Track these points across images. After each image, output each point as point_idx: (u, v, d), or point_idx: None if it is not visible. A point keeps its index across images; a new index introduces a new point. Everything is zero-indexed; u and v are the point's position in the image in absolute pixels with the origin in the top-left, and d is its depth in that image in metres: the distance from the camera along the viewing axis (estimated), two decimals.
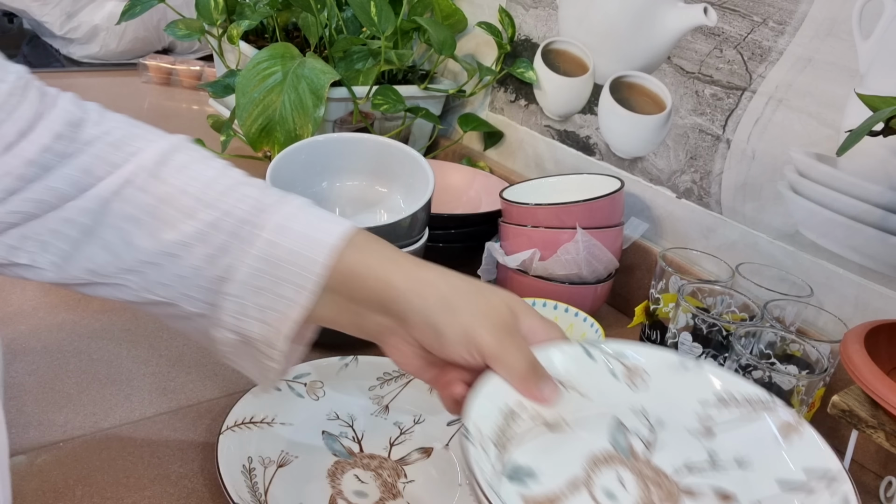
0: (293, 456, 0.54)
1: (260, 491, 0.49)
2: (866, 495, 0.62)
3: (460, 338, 0.42)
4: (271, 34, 1.13)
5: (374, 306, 0.44)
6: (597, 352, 0.49)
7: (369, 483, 0.53)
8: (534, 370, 0.43)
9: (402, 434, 0.58)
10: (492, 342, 0.42)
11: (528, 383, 0.43)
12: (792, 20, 0.68)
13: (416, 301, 0.43)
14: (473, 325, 0.42)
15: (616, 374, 0.49)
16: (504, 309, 0.44)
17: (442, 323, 0.42)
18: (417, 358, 0.46)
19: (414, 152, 0.73)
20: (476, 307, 0.43)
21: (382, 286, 0.44)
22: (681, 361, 0.49)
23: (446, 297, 0.43)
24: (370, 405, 0.61)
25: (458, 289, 0.44)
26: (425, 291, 0.43)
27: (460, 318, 0.42)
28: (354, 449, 0.56)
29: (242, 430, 0.53)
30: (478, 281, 0.46)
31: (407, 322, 0.44)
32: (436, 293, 0.43)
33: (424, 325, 0.43)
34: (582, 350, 0.49)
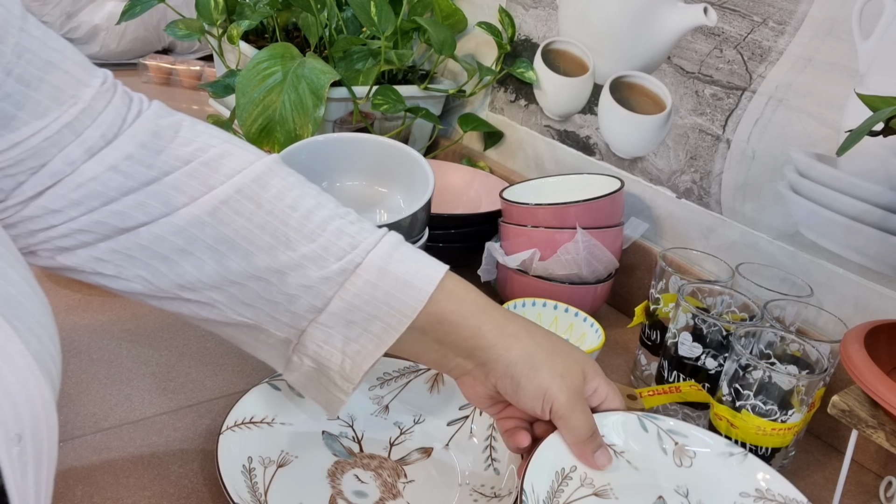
0: (293, 456, 0.54)
1: (260, 491, 0.49)
2: (866, 495, 0.62)
3: (537, 393, 0.46)
4: (271, 34, 1.13)
5: (461, 351, 0.47)
6: (651, 425, 0.52)
7: (369, 483, 0.53)
8: (593, 437, 0.47)
9: (402, 434, 0.58)
10: (564, 403, 0.46)
11: (585, 448, 0.47)
12: (792, 20, 0.68)
13: (502, 354, 0.46)
14: (551, 385, 0.46)
15: (666, 450, 0.52)
16: (578, 372, 0.48)
17: (523, 377, 0.46)
18: (488, 397, 0.50)
19: (414, 152, 0.73)
20: (555, 367, 0.47)
21: (473, 335, 0.46)
22: (730, 450, 0.51)
23: (530, 353, 0.47)
24: (370, 405, 0.61)
25: (541, 346, 0.47)
26: (512, 346, 0.47)
27: (540, 375, 0.46)
28: (354, 449, 0.56)
29: (242, 430, 0.53)
30: (557, 337, 0.49)
31: (489, 369, 0.47)
32: (521, 349, 0.47)
33: (506, 376, 0.47)
34: (637, 421, 0.52)
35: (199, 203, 0.43)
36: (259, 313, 0.46)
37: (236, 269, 0.44)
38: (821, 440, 0.69)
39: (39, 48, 0.40)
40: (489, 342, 0.46)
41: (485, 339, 0.46)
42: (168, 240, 0.43)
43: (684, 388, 0.61)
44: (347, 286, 0.45)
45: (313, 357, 0.47)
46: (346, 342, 0.46)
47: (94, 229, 0.42)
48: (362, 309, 0.45)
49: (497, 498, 0.51)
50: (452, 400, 0.61)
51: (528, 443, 0.49)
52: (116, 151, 0.42)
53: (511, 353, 0.46)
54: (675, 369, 0.63)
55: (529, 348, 0.47)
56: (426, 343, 0.47)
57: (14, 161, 0.39)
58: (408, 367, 0.63)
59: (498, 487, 0.52)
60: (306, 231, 0.45)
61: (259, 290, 0.45)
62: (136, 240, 0.43)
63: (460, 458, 0.57)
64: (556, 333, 0.50)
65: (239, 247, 0.44)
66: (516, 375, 0.46)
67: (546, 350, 0.47)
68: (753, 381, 0.54)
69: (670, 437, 0.52)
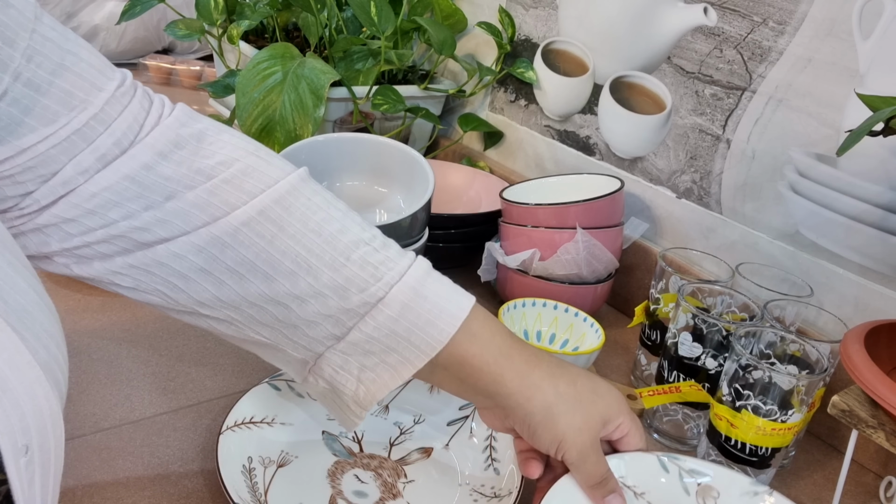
0: (293, 456, 0.54)
1: (260, 491, 0.49)
2: (866, 495, 0.62)
3: (551, 443, 0.46)
4: (271, 34, 1.13)
5: (481, 392, 0.47)
6: (672, 465, 0.52)
7: (369, 483, 0.53)
8: (604, 482, 0.47)
9: (402, 434, 0.58)
10: (576, 455, 0.46)
11: (596, 492, 0.47)
12: (792, 20, 0.68)
13: (522, 403, 0.46)
14: (566, 438, 0.46)
15: (688, 491, 0.52)
16: (597, 422, 0.47)
17: (540, 426, 0.46)
18: (505, 428, 0.50)
19: (414, 152, 0.73)
20: (573, 421, 0.46)
21: (494, 382, 0.46)
22: (754, 489, 0.51)
23: (550, 405, 0.46)
24: None
25: (562, 398, 0.47)
26: (533, 396, 0.46)
27: (557, 427, 0.46)
28: (354, 449, 0.56)
29: (242, 430, 0.53)
30: (582, 383, 0.48)
31: (508, 413, 0.47)
32: (542, 400, 0.46)
33: (524, 423, 0.47)
34: (657, 462, 0.52)
35: (220, 224, 0.42)
36: (277, 335, 0.45)
37: (255, 292, 0.43)
38: (821, 440, 0.69)
39: (52, 50, 0.38)
40: (510, 390, 0.46)
41: (506, 387, 0.46)
42: (187, 259, 0.42)
43: (684, 388, 0.61)
44: (368, 319, 0.44)
45: (328, 380, 0.46)
46: (362, 370, 0.45)
47: (111, 242, 0.41)
48: (382, 342, 0.44)
49: (497, 498, 0.51)
50: (452, 400, 0.61)
51: (539, 473, 0.49)
52: (133, 161, 0.41)
53: (531, 404, 0.46)
54: (675, 369, 0.63)
55: (550, 399, 0.46)
56: (446, 378, 0.47)
57: (22, 168, 0.38)
58: None
59: (498, 487, 0.52)
60: (328, 259, 0.44)
61: (278, 314, 0.44)
62: (154, 256, 0.42)
63: (460, 458, 0.57)
64: (588, 373, 0.49)
65: (259, 270, 0.43)
66: (533, 425, 0.46)
67: (567, 401, 0.46)
68: (753, 381, 0.54)
69: (693, 477, 0.53)
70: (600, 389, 0.48)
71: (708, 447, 0.59)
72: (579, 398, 0.47)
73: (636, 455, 0.52)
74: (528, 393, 0.46)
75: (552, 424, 0.46)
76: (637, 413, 0.68)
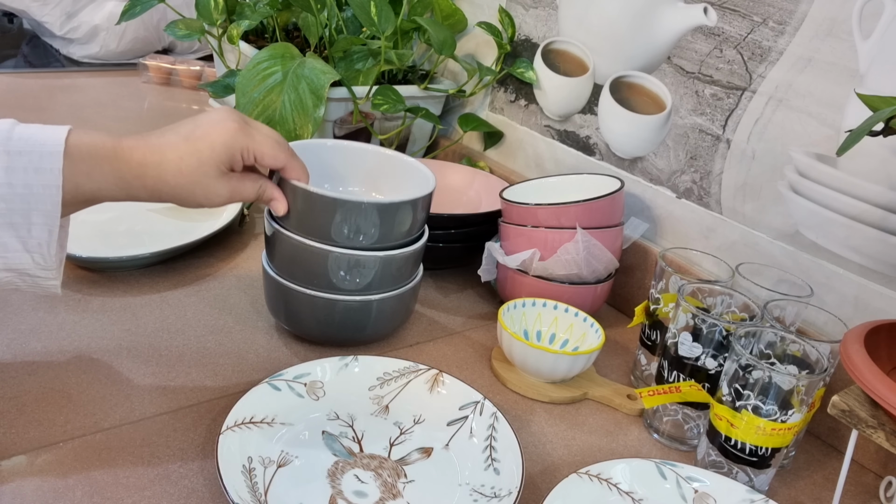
0: (293, 456, 0.54)
1: (260, 491, 0.49)
2: (866, 495, 0.62)
3: (190, 195, 0.54)
4: (271, 34, 1.13)
5: (133, 187, 0.51)
6: (670, 472, 0.54)
7: (369, 483, 0.53)
8: (262, 195, 0.60)
9: (402, 434, 0.59)
10: (207, 190, 0.55)
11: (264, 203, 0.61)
12: (792, 20, 0.68)
13: (160, 173, 0.52)
14: (193, 183, 0.54)
15: (686, 498, 0.53)
16: (207, 155, 0.54)
17: (180, 190, 0.54)
18: (214, 179, 0.55)
19: (416, 162, 0.73)
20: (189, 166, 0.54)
21: (124, 178, 0.51)
22: (751, 497, 0.53)
23: (178, 151, 0.53)
24: (370, 405, 0.61)
25: (174, 136, 0.54)
26: (159, 160, 0.52)
27: (184, 179, 0.53)
28: (354, 449, 0.56)
29: (242, 430, 0.53)
30: (186, 129, 0.54)
31: (163, 180, 0.52)
32: (170, 156, 0.53)
33: (173, 193, 0.54)
34: (655, 468, 0.53)
35: None
36: None
37: None
38: (821, 440, 0.69)
39: None
40: (142, 173, 0.51)
41: (134, 177, 0.51)
42: None
43: (684, 388, 0.61)
44: None
45: (5, 268, 0.50)
46: (22, 241, 0.49)
47: None
48: (15, 211, 0.47)
49: (497, 498, 0.51)
50: (452, 400, 0.61)
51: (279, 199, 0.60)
52: None
53: (164, 166, 0.51)
54: (675, 369, 0.63)
55: (172, 149, 0.52)
56: (106, 195, 0.51)
57: None
58: (407, 367, 0.63)
59: (498, 487, 0.53)
60: None
61: None
62: None
63: (460, 459, 0.57)
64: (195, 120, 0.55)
65: None
66: (183, 168, 0.52)
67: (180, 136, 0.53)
68: (753, 381, 0.54)
69: (690, 483, 0.53)
70: (199, 130, 0.53)
71: (708, 447, 0.59)
72: (183, 127, 0.53)
73: (631, 461, 0.53)
74: (155, 163, 0.51)
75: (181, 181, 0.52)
76: (637, 413, 0.68)
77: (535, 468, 0.58)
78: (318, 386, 0.61)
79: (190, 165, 0.52)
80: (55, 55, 1.54)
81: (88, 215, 0.85)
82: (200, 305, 0.74)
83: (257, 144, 0.55)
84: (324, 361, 0.62)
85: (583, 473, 0.53)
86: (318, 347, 0.69)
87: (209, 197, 0.54)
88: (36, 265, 0.50)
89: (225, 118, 0.54)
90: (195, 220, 0.88)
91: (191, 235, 0.81)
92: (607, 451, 0.62)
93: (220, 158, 0.53)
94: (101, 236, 0.82)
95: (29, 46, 1.60)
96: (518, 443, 0.56)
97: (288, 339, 0.70)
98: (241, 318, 0.73)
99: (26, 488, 0.49)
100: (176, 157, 0.52)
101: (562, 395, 0.68)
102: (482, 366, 0.72)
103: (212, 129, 0.53)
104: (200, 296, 0.75)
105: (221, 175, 0.54)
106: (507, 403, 0.66)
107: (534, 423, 0.64)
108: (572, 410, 0.67)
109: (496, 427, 0.58)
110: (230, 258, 0.84)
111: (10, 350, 0.63)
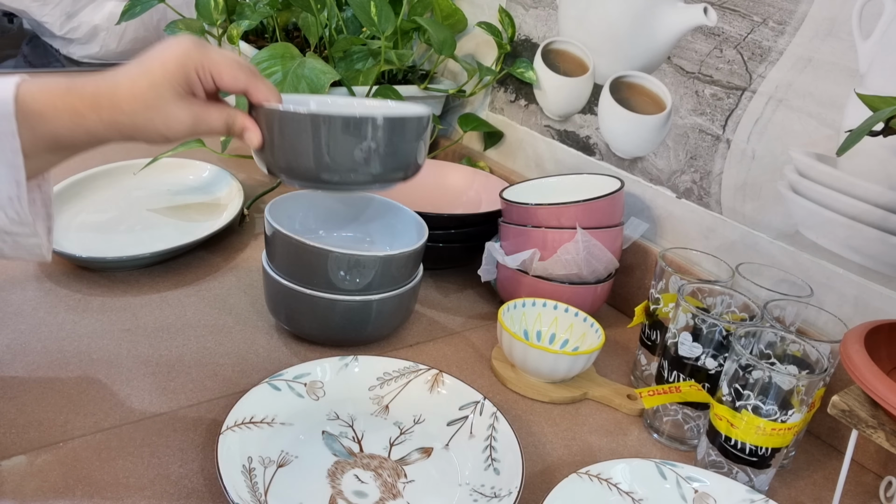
0: (293, 456, 0.54)
1: (260, 491, 0.49)
2: (866, 495, 0.62)
3: (149, 123, 0.50)
4: (271, 34, 1.13)
5: (102, 126, 0.49)
6: (670, 472, 0.54)
7: (369, 483, 0.53)
8: (232, 124, 0.55)
9: (402, 434, 0.59)
10: (165, 118, 0.51)
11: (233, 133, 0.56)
12: (792, 20, 0.68)
13: (119, 104, 0.49)
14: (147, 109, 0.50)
15: (686, 498, 0.53)
16: (160, 75, 0.50)
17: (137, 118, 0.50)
18: (177, 104, 0.51)
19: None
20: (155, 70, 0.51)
21: (89, 117, 0.48)
22: (751, 497, 0.53)
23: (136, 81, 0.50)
24: (370, 405, 0.61)
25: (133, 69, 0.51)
26: (114, 88, 0.49)
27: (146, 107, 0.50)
28: (354, 449, 0.56)
29: (242, 430, 0.53)
30: (143, 62, 0.51)
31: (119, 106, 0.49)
32: (128, 89, 0.49)
33: (138, 92, 0.50)
34: (655, 468, 0.53)
35: None
36: None
37: None
38: (821, 440, 0.69)
39: None
40: (96, 103, 0.48)
41: (96, 112, 0.48)
42: None
43: (684, 388, 0.61)
44: None
45: None
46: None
47: None
48: None
49: (497, 498, 0.51)
50: (452, 400, 0.61)
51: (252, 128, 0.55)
52: None
53: (117, 92, 0.48)
54: (675, 369, 0.63)
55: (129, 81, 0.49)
56: (66, 136, 0.48)
57: None
58: (408, 367, 0.63)
59: (498, 487, 0.53)
60: None
61: None
62: None
63: (460, 459, 0.57)
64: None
65: None
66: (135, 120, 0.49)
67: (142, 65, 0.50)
68: (753, 381, 0.54)
69: (690, 484, 0.53)
70: (153, 53, 0.51)
71: (708, 447, 0.59)
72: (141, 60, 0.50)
73: (630, 460, 0.53)
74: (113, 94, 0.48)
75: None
76: (637, 413, 0.68)
77: (535, 468, 0.58)
78: (318, 386, 0.61)
79: (142, 88, 0.49)
80: (55, 55, 1.54)
81: (89, 215, 0.86)
82: (200, 305, 0.74)
83: (213, 63, 0.51)
84: (324, 361, 0.62)
85: (583, 473, 0.53)
86: (318, 347, 0.69)
87: (169, 124, 0.50)
88: (10, 221, 0.49)
89: (180, 40, 0.51)
90: (195, 220, 0.88)
91: (191, 235, 0.81)
92: (607, 451, 0.62)
93: (175, 77, 0.50)
94: (101, 236, 0.82)
95: (29, 46, 1.60)
96: (518, 443, 0.56)
97: (288, 339, 0.70)
98: (241, 318, 0.73)
99: (26, 488, 0.49)
100: (128, 80, 0.49)
101: (562, 395, 0.68)
102: (482, 366, 0.72)
103: (165, 50, 0.50)
104: (200, 296, 0.75)
105: (179, 98, 0.50)
106: (507, 403, 0.66)
107: (534, 423, 0.64)
108: (572, 410, 0.67)
109: (496, 427, 0.58)
110: (230, 258, 0.84)
111: (10, 350, 0.63)
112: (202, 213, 0.90)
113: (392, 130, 0.54)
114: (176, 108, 0.50)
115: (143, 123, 0.50)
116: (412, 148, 0.57)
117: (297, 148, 0.53)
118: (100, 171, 0.92)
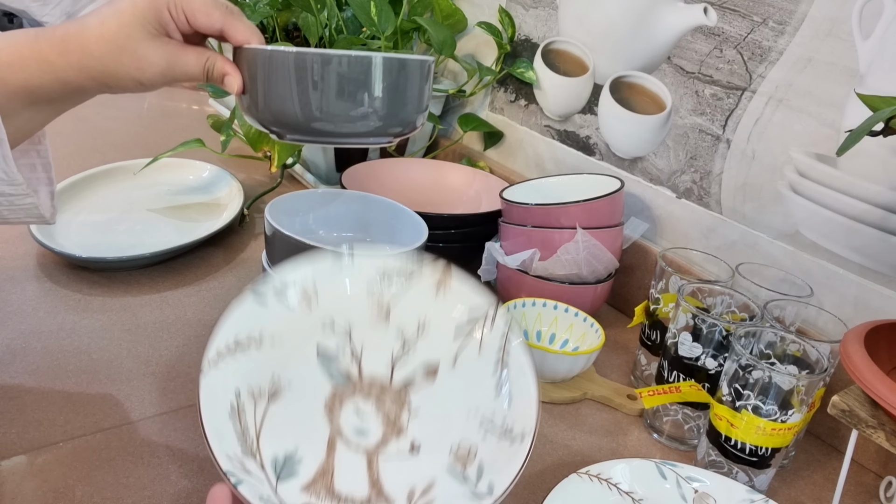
0: (286, 382, 0.49)
1: (251, 436, 0.45)
2: (866, 495, 0.62)
3: (122, 69, 0.49)
4: (271, 34, 1.13)
5: (80, 78, 0.48)
6: (670, 472, 0.54)
7: (370, 418, 0.49)
8: (208, 68, 0.51)
9: (404, 347, 0.53)
10: (142, 64, 0.49)
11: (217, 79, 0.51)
12: (792, 20, 0.68)
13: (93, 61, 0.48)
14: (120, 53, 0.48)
15: (686, 498, 0.53)
16: (129, 16, 0.49)
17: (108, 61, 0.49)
18: (153, 51, 0.49)
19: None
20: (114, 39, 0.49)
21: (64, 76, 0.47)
22: (751, 497, 0.52)
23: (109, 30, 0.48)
24: (369, 311, 0.54)
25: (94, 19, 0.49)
26: (87, 41, 0.48)
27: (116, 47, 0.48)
28: (353, 371, 0.51)
29: (228, 362, 0.48)
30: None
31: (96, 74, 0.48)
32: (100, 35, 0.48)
33: (110, 36, 0.48)
34: (655, 468, 0.53)
35: None
36: None
37: None
38: (821, 440, 0.69)
39: None
40: (64, 48, 0.47)
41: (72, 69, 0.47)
42: None
43: (684, 388, 0.61)
44: None
45: None
46: None
47: None
48: None
49: (508, 439, 0.47)
50: (459, 304, 0.55)
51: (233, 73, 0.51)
52: None
53: (85, 34, 0.47)
54: (675, 369, 0.63)
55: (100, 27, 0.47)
56: (38, 85, 0.47)
57: None
58: (411, 263, 0.56)
59: (510, 422, 0.48)
60: None
61: None
62: None
63: (468, 383, 0.51)
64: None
65: None
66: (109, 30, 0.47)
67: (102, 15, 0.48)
68: (753, 381, 0.54)
69: (690, 483, 0.53)
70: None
71: (708, 447, 0.59)
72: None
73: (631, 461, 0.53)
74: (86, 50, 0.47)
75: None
76: (637, 413, 0.68)
77: (535, 468, 0.58)
78: (311, 292, 0.53)
79: (111, 28, 0.47)
80: None
81: (89, 215, 0.86)
82: (200, 305, 0.74)
83: (185, 0, 0.49)
84: (317, 262, 0.54)
85: (583, 473, 0.53)
86: None
87: (141, 66, 0.48)
88: (0, 181, 0.48)
89: None
90: (195, 220, 0.88)
91: (191, 235, 0.81)
92: (607, 451, 0.62)
93: (145, 16, 0.47)
94: (101, 236, 0.82)
95: None
96: (533, 371, 0.50)
97: None
98: None
99: (26, 488, 0.49)
100: (97, 22, 0.47)
101: (562, 395, 0.68)
102: None
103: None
104: (200, 296, 0.75)
105: (152, 38, 0.48)
106: None
107: None
108: (572, 410, 0.67)
109: (508, 349, 0.52)
110: (230, 258, 0.84)
111: (10, 350, 0.63)
112: (202, 213, 0.90)
113: (390, 73, 0.49)
114: (148, 49, 0.48)
115: (113, 67, 0.48)
116: (412, 96, 0.52)
117: (282, 94, 0.49)
118: (100, 171, 0.92)
